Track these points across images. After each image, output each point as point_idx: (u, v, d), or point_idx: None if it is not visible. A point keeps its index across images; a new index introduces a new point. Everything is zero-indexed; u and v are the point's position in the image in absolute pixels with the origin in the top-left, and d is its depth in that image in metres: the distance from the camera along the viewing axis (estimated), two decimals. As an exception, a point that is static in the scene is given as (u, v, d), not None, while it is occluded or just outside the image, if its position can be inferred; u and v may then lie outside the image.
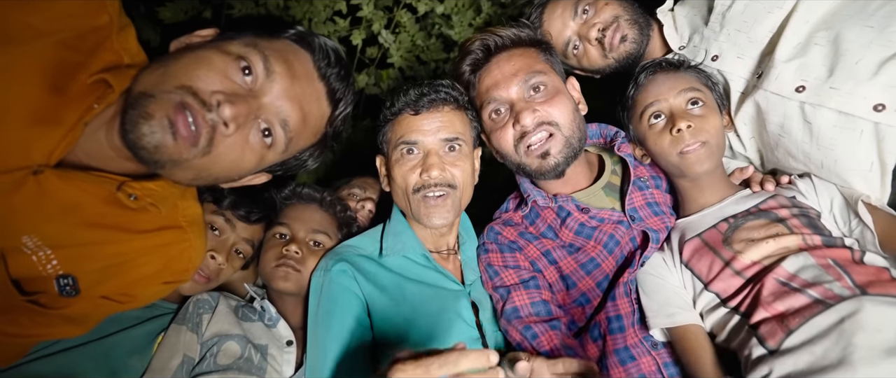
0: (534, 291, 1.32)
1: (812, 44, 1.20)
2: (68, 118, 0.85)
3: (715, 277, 1.18)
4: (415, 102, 1.30)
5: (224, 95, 0.85)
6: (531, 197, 1.38)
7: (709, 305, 1.20)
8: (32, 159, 0.84)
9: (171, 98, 0.82)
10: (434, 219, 1.30)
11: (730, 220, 1.25)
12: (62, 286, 0.93)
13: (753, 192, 1.31)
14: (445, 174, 1.29)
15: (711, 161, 1.27)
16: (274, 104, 0.92)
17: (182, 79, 0.84)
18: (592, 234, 1.35)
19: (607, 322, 1.30)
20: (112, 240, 0.96)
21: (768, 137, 1.32)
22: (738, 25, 1.33)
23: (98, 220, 0.93)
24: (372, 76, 2.49)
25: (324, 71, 1.00)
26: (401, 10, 2.33)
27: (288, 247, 1.37)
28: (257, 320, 1.36)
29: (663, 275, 1.29)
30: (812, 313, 0.99)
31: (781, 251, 1.13)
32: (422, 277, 1.34)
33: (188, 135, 0.83)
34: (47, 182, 0.85)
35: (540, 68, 1.33)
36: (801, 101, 1.19)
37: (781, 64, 1.22)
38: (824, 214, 1.22)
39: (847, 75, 1.13)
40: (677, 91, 1.28)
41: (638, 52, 1.49)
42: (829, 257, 1.07)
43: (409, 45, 2.41)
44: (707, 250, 1.23)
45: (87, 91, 0.87)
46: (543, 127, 1.29)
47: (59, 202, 0.87)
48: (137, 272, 1.01)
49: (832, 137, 1.18)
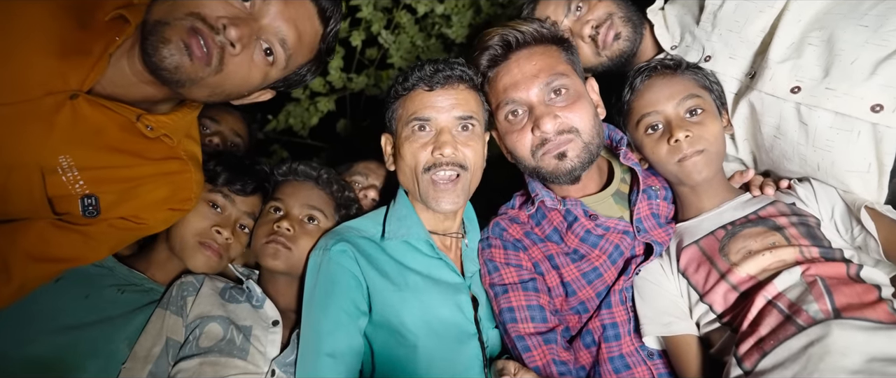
0: (531, 294, 1.29)
1: (806, 44, 1.18)
2: (95, 49, 0.99)
3: (710, 290, 1.17)
4: (430, 78, 1.26)
5: (228, 19, 0.97)
6: (539, 197, 1.33)
7: (704, 317, 1.19)
8: (69, 85, 0.98)
9: (183, 23, 0.95)
10: (443, 203, 1.26)
11: (728, 227, 1.22)
12: (86, 206, 1.07)
13: (753, 197, 1.29)
14: (458, 154, 1.25)
15: (711, 169, 1.24)
16: (272, 25, 1.04)
17: (190, 6, 0.96)
18: (598, 243, 1.31)
19: (602, 329, 1.28)
20: (128, 164, 1.10)
21: (763, 139, 1.29)
22: (729, 25, 1.31)
23: (118, 145, 1.07)
24: (372, 77, 2.50)
25: None
26: (400, 10, 2.33)
27: (279, 223, 1.34)
28: (244, 302, 1.33)
29: (660, 282, 1.28)
30: (785, 336, 0.99)
31: (778, 265, 1.11)
32: (423, 268, 1.30)
33: (202, 55, 0.96)
34: (80, 107, 0.99)
35: (562, 69, 1.27)
36: (797, 102, 1.17)
37: (775, 64, 1.20)
38: (825, 221, 1.20)
39: (843, 76, 1.11)
40: (675, 100, 1.25)
41: (631, 51, 1.47)
42: (820, 274, 1.06)
43: (408, 46, 2.41)
44: (704, 260, 1.21)
45: (107, 26, 1.01)
46: (563, 135, 1.24)
47: (88, 126, 1.01)
48: (148, 196, 1.15)
49: (829, 139, 1.15)
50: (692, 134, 1.21)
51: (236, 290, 1.35)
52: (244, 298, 1.34)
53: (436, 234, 1.36)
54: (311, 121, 2.59)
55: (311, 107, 2.57)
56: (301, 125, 2.62)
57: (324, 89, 2.51)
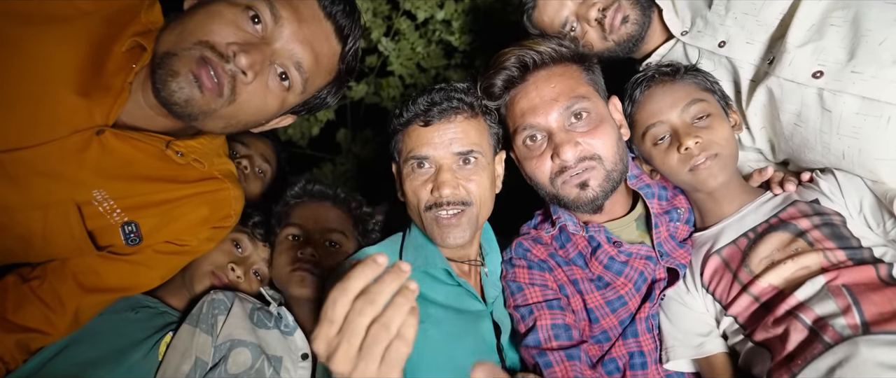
0: (557, 313, 1.22)
1: (828, 25, 1.11)
2: (115, 83, 0.97)
3: (732, 301, 1.12)
4: (424, 113, 1.19)
5: (238, 46, 0.93)
6: (561, 221, 1.27)
7: (730, 329, 1.15)
8: (94, 121, 0.97)
9: (191, 54, 0.92)
10: (448, 239, 1.18)
11: (750, 235, 1.16)
12: (127, 233, 1.07)
13: (774, 195, 1.22)
14: (459, 192, 1.18)
15: (726, 173, 1.18)
16: (286, 48, 0.99)
17: (198, 35, 0.93)
18: (623, 271, 1.25)
19: (628, 357, 1.23)
20: (164, 189, 1.09)
21: (782, 127, 1.23)
22: (745, 8, 1.24)
23: (151, 174, 1.06)
24: (372, 85, 2.46)
25: (329, 10, 1.04)
26: (400, 17, 2.30)
27: (303, 249, 1.29)
28: (273, 327, 1.27)
29: (686, 300, 1.23)
30: (813, 355, 0.94)
31: (801, 272, 1.05)
32: (444, 298, 1.23)
33: (213, 86, 0.92)
34: (108, 141, 0.99)
35: (583, 92, 1.20)
36: (820, 88, 1.11)
37: (795, 48, 1.13)
38: (853, 216, 1.13)
39: (870, 58, 1.05)
40: (679, 107, 1.20)
41: (639, 35, 1.39)
42: (847, 282, 0.99)
43: (409, 53, 2.37)
44: (726, 271, 1.16)
45: (125, 57, 0.99)
46: (585, 162, 1.17)
47: (118, 159, 1.01)
48: (189, 217, 1.14)
49: (855, 125, 1.09)
50: (702, 139, 1.16)
51: (264, 313, 1.29)
52: (273, 324, 1.28)
53: (453, 261, 1.30)
54: (312, 131, 2.55)
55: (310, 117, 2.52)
56: (300, 135, 2.57)
57: (323, 98, 2.47)
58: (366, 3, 2.20)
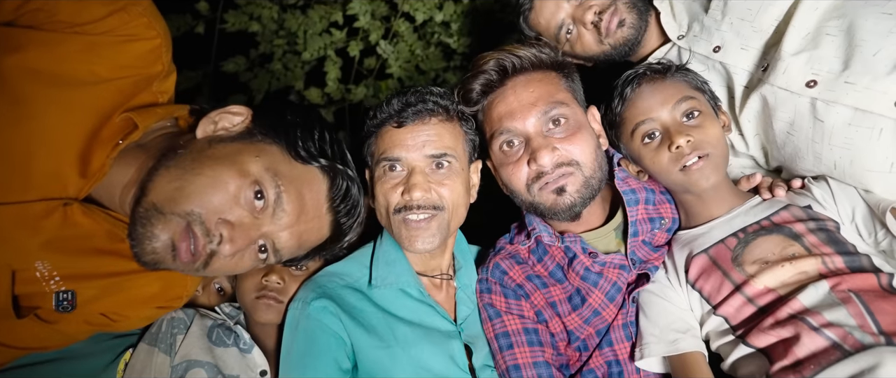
0: (537, 350, 1.21)
1: (823, 34, 1.10)
2: (99, 156, 0.93)
3: (724, 301, 1.09)
4: (398, 114, 1.17)
5: (227, 230, 0.91)
6: (536, 232, 1.25)
7: (717, 329, 1.12)
8: (66, 192, 0.92)
9: (179, 222, 0.88)
10: (416, 243, 1.16)
11: (740, 235, 1.14)
12: (60, 301, 0.98)
13: (764, 200, 1.20)
14: (430, 195, 1.15)
15: (718, 174, 1.17)
16: (275, 233, 0.97)
17: (193, 203, 0.89)
18: (598, 282, 1.23)
19: (606, 366, 1.23)
20: (116, 263, 1.01)
21: (775, 135, 1.22)
22: (741, 14, 1.23)
23: (106, 247, 0.99)
24: (370, 88, 2.45)
25: (336, 204, 1.03)
26: (398, 19, 2.29)
27: (267, 277, 1.26)
28: (232, 345, 1.27)
29: (668, 295, 1.20)
30: (828, 361, 0.91)
31: (798, 277, 1.03)
32: (413, 315, 1.22)
33: (188, 259, 0.90)
34: (72, 215, 0.92)
35: (561, 98, 1.19)
36: (813, 98, 1.10)
37: (789, 57, 1.13)
38: (845, 224, 1.11)
39: (864, 68, 1.04)
40: (670, 105, 1.18)
41: (636, 39, 1.39)
42: (851, 287, 0.97)
43: (407, 55, 2.36)
44: (715, 269, 1.13)
45: (115, 129, 0.95)
46: (562, 168, 1.15)
47: (77, 232, 0.94)
48: (135, 293, 1.05)
49: (847, 136, 1.08)
50: (693, 138, 1.14)
51: (224, 331, 1.28)
52: (232, 341, 1.27)
53: (424, 276, 1.28)
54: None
55: (309, 119, 2.52)
56: (299, 138, 2.57)
57: (322, 101, 2.46)
58: (364, 6, 2.20)
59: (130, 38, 0.93)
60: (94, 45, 0.91)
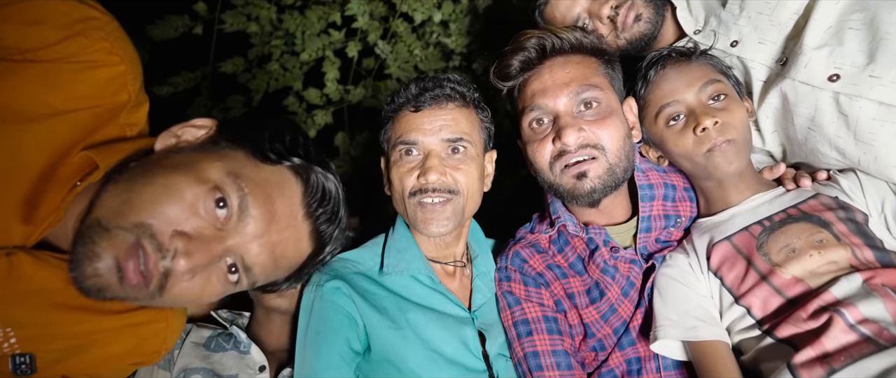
0: (556, 338, 1.20)
1: (845, 28, 1.09)
2: (52, 199, 0.81)
3: (748, 292, 1.06)
4: (416, 98, 1.18)
5: (183, 243, 0.77)
6: (561, 220, 1.25)
7: (738, 320, 1.08)
8: (11, 240, 0.80)
9: (125, 238, 0.75)
10: (431, 226, 1.16)
11: (765, 223, 1.11)
12: (18, 364, 0.84)
13: (788, 191, 1.18)
14: (446, 179, 1.16)
15: (741, 159, 1.15)
16: (242, 246, 0.83)
17: (143, 214, 0.76)
18: (615, 276, 1.23)
19: (626, 365, 1.21)
20: (80, 320, 0.88)
21: (795, 131, 1.20)
22: (759, 7, 1.21)
23: (67, 302, 0.85)
24: (369, 88, 2.42)
25: (313, 209, 0.91)
26: (397, 19, 2.26)
27: None
28: (231, 349, 1.24)
29: (689, 281, 1.16)
30: (860, 354, 0.88)
31: (829, 267, 1.00)
32: (425, 300, 1.22)
33: (137, 281, 0.76)
34: (20, 264, 0.80)
35: (596, 82, 1.19)
36: (836, 92, 1.09)
37: (811, 50, 1.11)
38: (873, 218, 1.09)
39: (889, 62, 1.03)
40: (696, 87, 1.16)
41: (652, 34, 1.37)
42: (886, 282, 0.94)
43: (406, 55, 2.34)
44: (739, 257, 1.10)
45: (74, 168, 0.83)
46: (587, 149, 1.15)
47: (28, 285, 0.82)
48: (104, 351, 0.92)
49: (872, 131, 1.07)
50: (720, 120, 1.12)
51: (223, 338, 1.26)
52: (231, 345, 1.25)
53: (437, 262, 1.27)
54: (309, 134, 2.51)
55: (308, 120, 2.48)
56: (297, 139, 2.53)
57: (321, 102, 2.43)
58: (363, 6, 2.17)
59: (90, 65, 0.83)
60: (49, 74, 0.80)
